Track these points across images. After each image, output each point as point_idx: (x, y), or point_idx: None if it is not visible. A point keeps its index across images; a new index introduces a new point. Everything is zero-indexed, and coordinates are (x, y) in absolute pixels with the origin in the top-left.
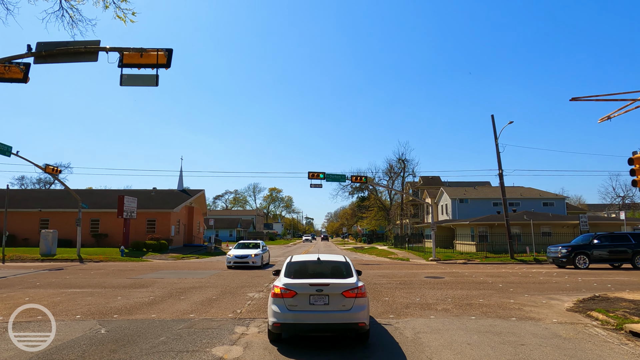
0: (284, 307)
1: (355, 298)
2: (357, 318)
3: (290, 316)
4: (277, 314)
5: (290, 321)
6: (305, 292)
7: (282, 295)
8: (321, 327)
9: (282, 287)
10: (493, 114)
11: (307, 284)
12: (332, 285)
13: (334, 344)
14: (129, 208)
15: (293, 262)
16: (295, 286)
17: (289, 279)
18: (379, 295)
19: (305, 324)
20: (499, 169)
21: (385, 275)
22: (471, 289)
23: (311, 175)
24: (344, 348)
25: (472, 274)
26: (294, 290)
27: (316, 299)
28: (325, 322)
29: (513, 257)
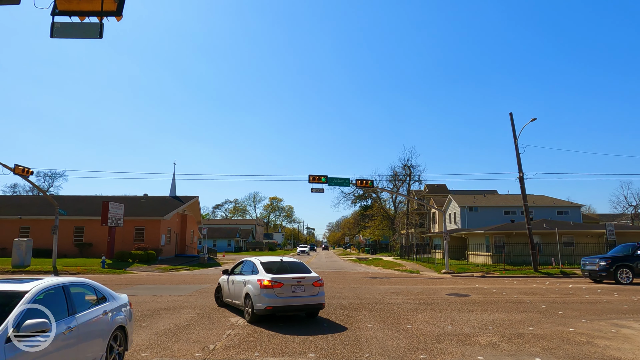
0: (273, 294)
1: (320, 287)
2: (321, 300)
3: (280, 301)
4: (270, 300)
5: (280, 304)
6: (289, 283)
7: (272, 286)
8: (301, 307)
9: (270, 280)
10: (511, 112)
11: (291, 278)
12: (306, 278)
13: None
14: (114, 215)
15: (264, 262)
16: (283, 279)
17: (272, 274)
18: (398, 321)
19: (290, 306)
20: (519, 172)
21: (399, 292)
22: (510, 312)
23: (312, 179)
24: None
25: (500, 290)
26: (282, 282)
27: (296, 288)
28: (303, 304)
29: (537, 270)
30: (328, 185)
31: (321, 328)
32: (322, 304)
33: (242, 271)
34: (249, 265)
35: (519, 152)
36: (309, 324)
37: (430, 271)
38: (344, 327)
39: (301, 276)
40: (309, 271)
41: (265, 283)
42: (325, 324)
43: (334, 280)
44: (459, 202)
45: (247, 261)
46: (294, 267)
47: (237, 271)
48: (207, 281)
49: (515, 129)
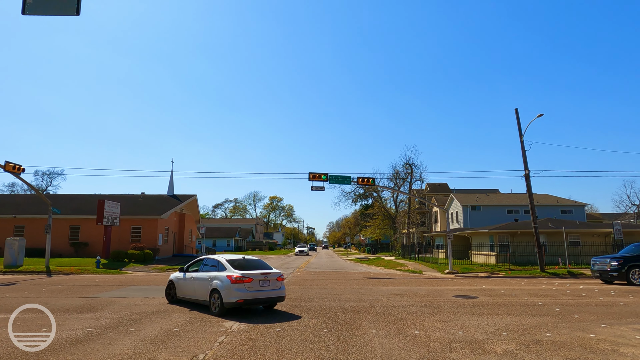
0: (244, 289)
1: (281, 281)
2: (283, 292)
3: (250, 294)
4: (241, 294)
5: (250, 297)
6: (258, 278)
7: (243, 280)
8: (267, 299)
9: (240, 275)
10: (517, 108)
11: (259, 273)
12: (272, 273)
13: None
14: (110, 214)
15: (230, 259)
16: (252, 275)
17: (241, 270)
18: (405, 327)
19: (258, 299)
20: (525, 169)
21: (403, 294)
22: (523, 315)
23: (312, 177)
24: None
25: (509, 291)
26: (252, 277)
27: (263, 282)
28: (269, 297)
29: (544, 270)
30: (328, 183)
31: (321, 334)
32: (283, 297)
33: (202, 269)
34: (211, 263)
35: (525, 149)
36: (308, 330)
37: (433, 271)
38: (346, 333)
39: (267, 272)
40: (270, 268)
41: (236, 278)
42: (326, 329)
43: (334, 281)
44: (461, 201)
45: (208, 259)
46: (255, 264)
47: (194, 269)
48: None
49: (521, 125)
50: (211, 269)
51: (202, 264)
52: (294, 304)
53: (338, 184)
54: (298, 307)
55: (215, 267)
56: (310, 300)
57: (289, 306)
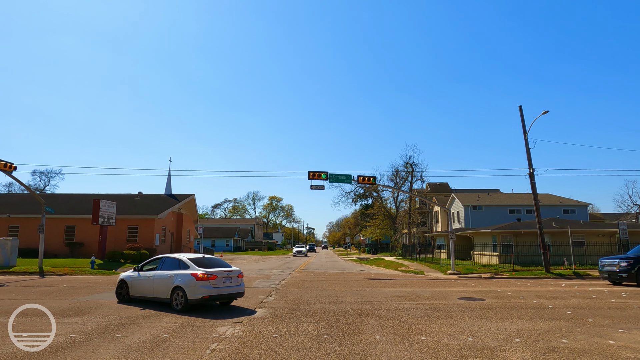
0: (209, 285)
1: (241, 278)
2: (243, 288)
3: (215, 291)
4: (206, 290)
5: (215, 293)
6: (221, 276)
7: (208, 278)
8: (230, 295)
9: (205, 273)
10: (521, 105)
11: (222, 271)
12: (233, 271)
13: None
14: (106, 213)
15: (192, 258)
16: (216, 272)
17: (205, 268)
18: (410, 332)
19: (222, 294)
20: (530, 167)
21: (406, 296)
22: (534, 319)
23: (312, 175)
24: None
25: (516, 293)
26: (216, 275)
27: (226, 279)
28: (232, 292)
29: (549, 271)
30: (328, 182)
31: (321, 341)
32: (243, 292)
33: (161, 267)
34: (171, 261)
35: (529, 147)
36: (307, 335)
37: (435, 272)
38: (348, 339)
39: (230, 269)
40: (229, 265)
41: (201, 276)
42: (326, 334)
43: (335, 282)
44: (463, 200)
45: (169, 258)
46: (215, 262)
47: (149, 267)
48: None
49: (525, 123)
50: (172, 268)
51: (160, 263)
52: (292, 307)
53: (338, 182)
54: (297, 310)
55: (176, 265)
56: (310, 302)
57: (287, 309)
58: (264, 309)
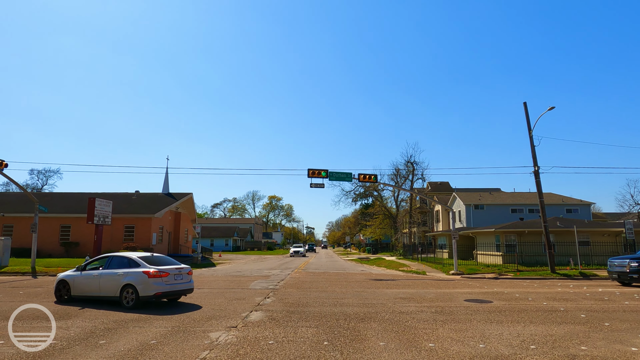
0: (162, 282)
1: (191, 275)
2: (192, 285)
3: (167, 287)
4: (159, 287)
5: (167, 290)
6: (173, 273)
7: (161, 275)
8: (181, 291)
9: (157, 270)
10: (525, 102)
11: (174, 268)
12: (183, 268)
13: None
14: (101, 212)
15: (142, 257)
16: (168, 270)
17: (155, 266)
18: (417, 338)
19: (174, 291)
20: (534, 165)
21: (410, 298)
22: (547, 323)
23: (312, 173)
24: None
25: (524, 295)
26: (168, 272)
27: (177, 276)
28: (183, 289)
29: (554, 271)
30: (329, 180)
31: (321, 348)
32: (192, 289)
33: (109, 266)
34: (120, 260)
35: (534, 145)
36: (306, 342)
37: (438, 272)
38: (350, 346)
39: (180, 267)
40: (179, 263)
41: (153, 273)
42: (326, 341)
43: (335, 283)
44: (464, 199)
45: (116, 257)
46: (164, 260)
47: (93, 267)
48: (196, 284)
49: (530, 120)
50: (121, 266)
51: (107, 262)
52: (290, 310)
53: (338, 180)
54: (295, 313)
55: (126, 264)
56: (309, 305)
57: (285, 312)
58: (260, 312)
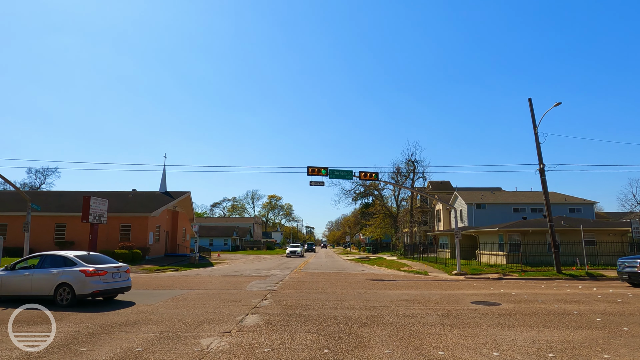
0: (99, 280)
1: (129, 273)
2: (130, 283)
3: (105, 285)
4: (96, 285)
5: (105, 288)
6: (111, 271)
7: (98, 273)
8: (120, 289)
9: (95, 269)
10: (530, 98)
11: (112, 267)
12: (121, 267)
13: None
14: (96, 211)
15: (78, 255)
16: (106, 268)
17: (93, 265)
18: (424, 344)
19: (112, 289)
20: (540, 163)
21: (414, 300)
22: (562, 328)
23: (311, 171)
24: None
25: (533, 296)
26: (106, 270)
27: (115, 274)
28: (121, 287)
29: (560, 272)
30: (329, 177)
31: (320, 357)
32: (130, 287)
33: (42, 265)
34: (54, 259)
35: (539, 142)
36: (305, 349)
37: (440, 272)
38: (352, 354)
39: (118, 265)
40: (116, 262)
41: (91, 272)
42: (327, 348)
43: (335, 284)
44: (466, 198)
45: (50, 255)
46: (100, 259)
47: (25, 266)
48: (191, 285)
49: (535, 116)
50: (56, 265)
51: (40, 261)
52: (289, 313)
53: (339, 178)
54: (294, 316)
55: (61, 263)
56: (308, 307)
57: (282, 315)
58: (257, 315)
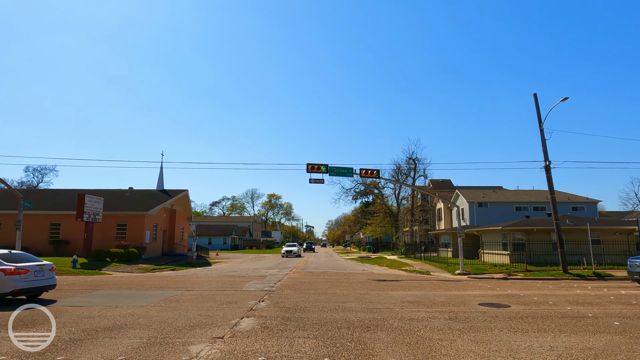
0: (20, 279)
1: (53, 271)
2: (54, 281)
3: (26, 284)
4: (16, 284)
5: (26, 287)
6: (33, 270)
7: (19, 272)
8: (43, 287)
9: (15, 267)
10: (536, 93)
11: (35, 265)
12: (45, 265)
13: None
14: (91, 209)
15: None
16: (28, 267)
17: (14, 263)
18: (433, 352)
19: (34, 287)
20: (545, 160)
21: (418, 301)
22: (579, 332)
23: (311, 168)
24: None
25: (542, 298)
26: (28, 269)
27: (38, 273)
28: (44, 285)
29: (567, 271)
30: (329, 175)
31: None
32: (55, 285)
33: None
34: None
35: (545, 138)
36: (303, 357)
37: (442, 272)
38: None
39: (41, 264)
40: (40, 260)
41: (11, 270)
42: (327, 357)
43: (335, 284)
44: (468, 197)
45: None
46: (23, 257)
47: None
48: (186, 285)
49: (540, 112)
50: None
51: None
52: (287, 316)
53: (339, 176)
54: (292, 320)
55: None
56: (307, 310)
57: (280, 319)
58: (252, 319)
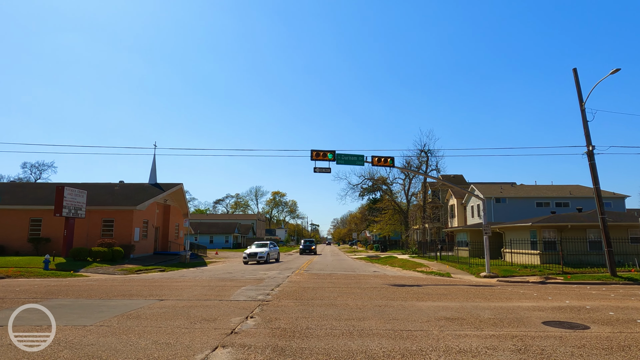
0: None
1: None
2: None
3: None
4: None
5: None
6: None
7: None
8: None
9: None
10: (576, 67)
11: None
12: None
13: None
14: (72, 203)
15: None
16: None
17: None
18: None
19: None
20: (588, 145)
21: (459, 318)
22: None
23: (316, 155)
24: None
25: (620, 313)
26: None
27: None
28: None
29: (615, 274)
30: (336, 163)
31: None
32: None
33: None
34: None
35: (587, 120)
36: None
37: (465, 274)
38: None
39: None
40: None
41: None
42: None
43: (346, 291)
44: (484, 192)
45: None
46: None
47: None
48: (164, 292)
49: (582, 91)
50: None
51: None
52: (280, 346)
53: (347, 164)
54: (287, 351)
55: None
56: (310, 333)
57: (269, 351)
58: (229, 350)
